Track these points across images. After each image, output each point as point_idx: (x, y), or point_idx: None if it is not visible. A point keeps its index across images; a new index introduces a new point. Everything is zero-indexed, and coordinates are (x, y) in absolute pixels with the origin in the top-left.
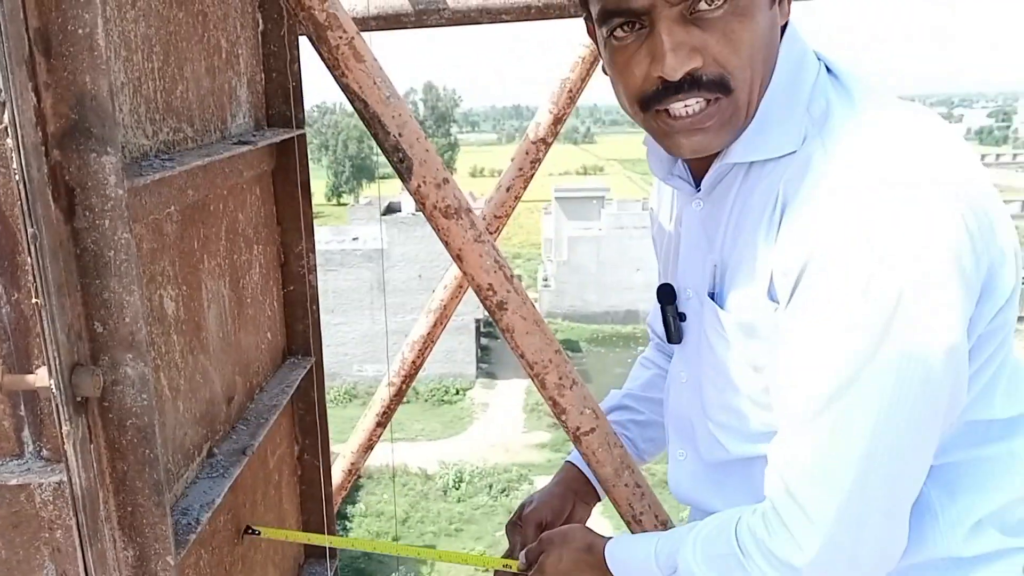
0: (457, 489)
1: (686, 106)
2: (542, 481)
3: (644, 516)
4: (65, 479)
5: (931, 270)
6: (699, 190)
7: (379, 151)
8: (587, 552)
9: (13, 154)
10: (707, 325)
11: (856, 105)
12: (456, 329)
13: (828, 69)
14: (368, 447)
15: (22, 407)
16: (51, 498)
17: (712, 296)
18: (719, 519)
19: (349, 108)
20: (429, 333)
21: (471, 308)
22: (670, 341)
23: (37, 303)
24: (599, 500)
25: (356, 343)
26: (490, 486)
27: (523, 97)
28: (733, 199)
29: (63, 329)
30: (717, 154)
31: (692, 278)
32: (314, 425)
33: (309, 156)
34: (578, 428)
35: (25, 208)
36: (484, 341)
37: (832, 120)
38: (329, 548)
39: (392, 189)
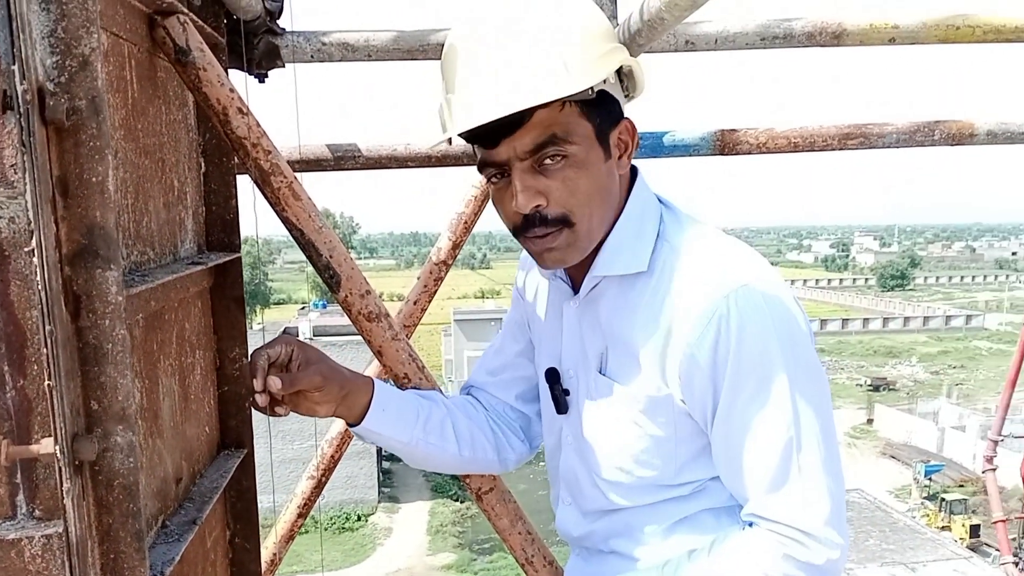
0: None
1: (539, 235)
2: None
3: (535, 558)
4: (56, 531)
5: (799, 331)
6: (576, 292)
7: (273, 279)
8: None
9: (37, 271)
10: (598, 398)
11: (694, 232)
12: (356, 454)
13: (667, 206)
14: (289, 538)
15: (18, 475)
16: (40, 552)
17: (603, 374)
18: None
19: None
20: None
21: None
22: (559, 412)
23: (49, 385)
24: (352, 422)
25: None
26: None
27: (421, 224)
28: (611, 301)
29: (68, 406)
30: (589, 266)
31: (575, 361)
32: (245, 511)
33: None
34: (480, 488)
35: (44, 311)
36: (386, 464)
37: (683, 243)
38: None
39: (288, 313)
